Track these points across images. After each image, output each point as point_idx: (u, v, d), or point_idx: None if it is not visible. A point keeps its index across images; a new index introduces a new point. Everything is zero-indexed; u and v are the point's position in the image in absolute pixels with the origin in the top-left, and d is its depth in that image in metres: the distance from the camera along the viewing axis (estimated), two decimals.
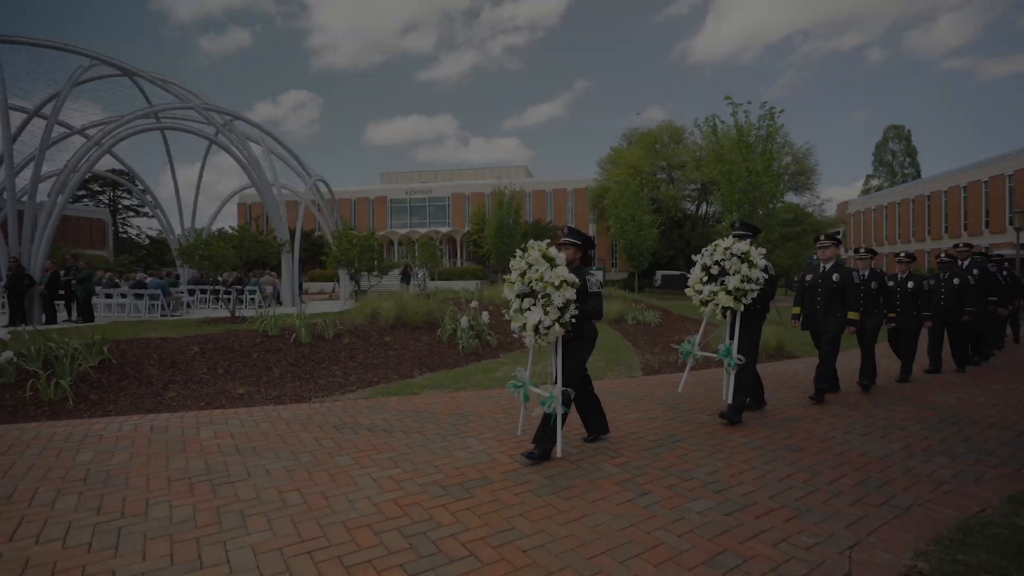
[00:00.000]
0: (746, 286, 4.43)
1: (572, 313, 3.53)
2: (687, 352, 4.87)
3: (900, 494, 3.24)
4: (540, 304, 3.50)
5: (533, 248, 3.61)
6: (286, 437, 4.22)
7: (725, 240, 4.62)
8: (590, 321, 3.76)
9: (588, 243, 3.94)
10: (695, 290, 4.71)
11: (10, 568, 2.36)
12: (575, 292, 3.52)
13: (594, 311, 3.68)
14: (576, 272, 3.73)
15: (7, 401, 4.95)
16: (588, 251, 3.96)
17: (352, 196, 48.27)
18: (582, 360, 3.82)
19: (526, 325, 3.56)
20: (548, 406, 3.53)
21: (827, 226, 35.08)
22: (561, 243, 3.87)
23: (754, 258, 4.49)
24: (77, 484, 3.27)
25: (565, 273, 3.50)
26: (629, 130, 35.60)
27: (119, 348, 6.22)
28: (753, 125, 13.56)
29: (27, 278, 11.93)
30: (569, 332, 3.62)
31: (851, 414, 5.07)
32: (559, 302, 3.46)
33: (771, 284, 4.67)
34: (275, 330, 7.46)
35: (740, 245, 4.54)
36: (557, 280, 3.47)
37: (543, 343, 3.59)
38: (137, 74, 16.73)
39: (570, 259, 3.84)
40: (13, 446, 3.96)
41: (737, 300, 4.47)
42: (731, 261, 4.51)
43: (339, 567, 2.39)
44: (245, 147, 18.10)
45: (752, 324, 4.67)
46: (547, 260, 3.56)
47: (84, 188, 49.31)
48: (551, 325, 3.50)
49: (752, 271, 4.45)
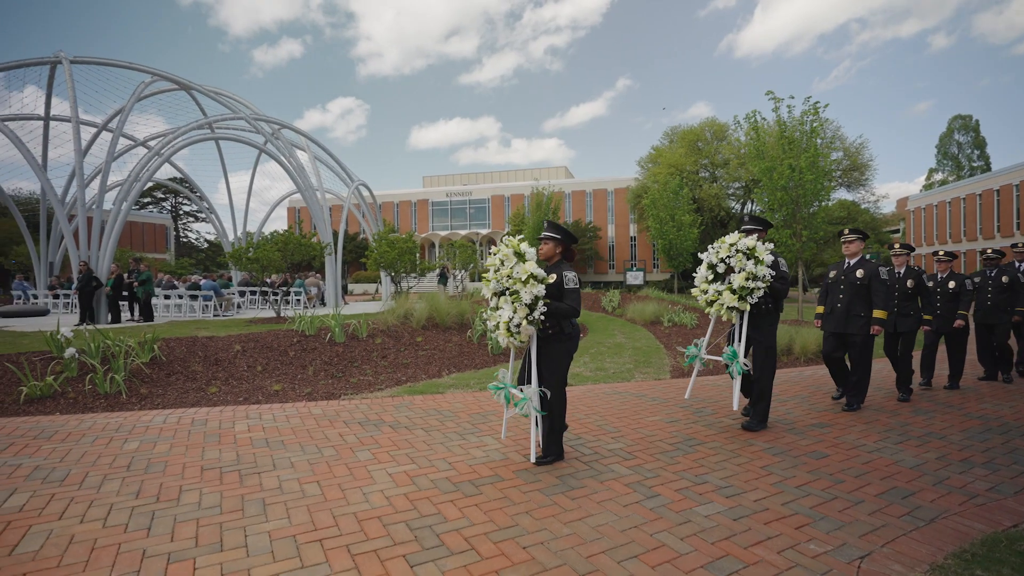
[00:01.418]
0: (752, 284, 4.23)
1: (541, 310, 3.43)
2: (693, 356, 4.67)
3: (926, 505, 3.10)
4: (510, 301, 3.44)
5: (504, 243, 3.55)
6: (313, 432, 4.43)
7: (731, 236, 4.43)
8: (570, 320, 3.64)
9: (569, 238, 3.79)
10: (700, 290, 4.55)
11: (58, 543, 2.61)
12: (545, 288, 3.43)
13: (570, 309, 3.53)
14: (554, 268, 3.65)
15: (69, 393, 5.40)
16: (569, 246, 3.82)
17: (395, 199, 49.46)
18: (565, 368, 3.69)
19: (499, 324, 3.51)
20: (523, 408, 3.48)
21: (883, 224, 33.35)
22: (540, 238, 3.77)
23: (760, 254, 4.28)
24: (121, 470, 3.56)
25: (533, 268, 3.41)
26: (671, 128, 34.94)
27: (168, 346, 6.66)
28: (796, 120, 13.05)
29: (95, 280, 12.88)
30: (545, 331, 3.54)
31: (887, 421, 4.85)
32: (527, 298, 3.37)
33: (783, 282, 4.44)
34: (312, 330, 7.78)
35: (746, 241, 4.33)
36: (524, 275, 3.39)
37: (516, 342, 3.54)
38: (193, 87, 17.74)
39: (549, 255, 3.74)
40: (71, 434, 4.32)
41: (743, 299, 4.29)
42: (736, 258, 4.32)
43: (345, 555, 2.52)
44: (292, 155, 18.89)
45: (765, 327, 4.48)
46: (517, 255, 3.49)
47: (148, 196, 52.63)
48: (520, 323, 3.43)
49: (759, 268, 4.24)
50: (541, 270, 3.47)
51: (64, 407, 5.13)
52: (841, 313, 5.08)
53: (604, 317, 14.68)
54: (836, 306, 5.13)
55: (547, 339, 3.63)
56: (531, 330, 3.48)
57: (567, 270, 3.63)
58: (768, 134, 14.34)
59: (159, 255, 44.35)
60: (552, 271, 3.64)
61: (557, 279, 3.57)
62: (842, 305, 5.07)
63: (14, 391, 5.33)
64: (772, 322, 4.53)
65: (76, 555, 2.50)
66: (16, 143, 14.24)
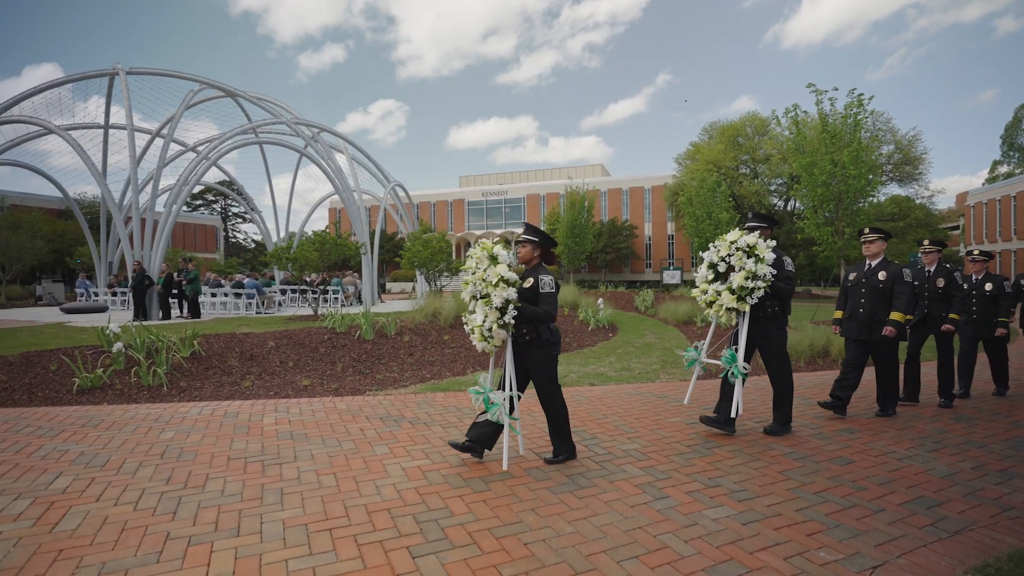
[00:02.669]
0: (751, 284, 4.05)
1: (512, 314, 3.39)
2: (692, 360, 4.50)
3: (953, 516, 2.96)
4: (482, 304, 3.42)
5: (478, 246, 3.53)
6: (335, 426, 4.58)
7: (732, 233, 4.27)
8: (547, 325, 3.57)
9: (548, 241, 3.73)
10: (700, 290, 4.39)
11: (92, 523, 2.81)
12: (516, 292, 3.40)
13: (545, 313, 3.46)
14: (531, 272, 3.60)
15: (116, 385, 5.77)
16: (548, 250, 3.75)
17: (431, 199, 50.18)
18: (552, 374, 3.63)
19: (473, 328, 3.48)
20: (494, 414, 3.45)
21: (939, 220, 31.57)
22: (517, 240, 3.79)
23: (761, 252, 4.09)
24: (155, 458, 3.78)
25: (504, 271, 3.37)
26: (710, 124, 34.11)
27: (208, 342, 7.00)
28: (839, 114, 12.51)
29: (147, 279, 13.65)
30: (522, 336, 3.50)
31: (923, 428, 4.62)
32: (498, 302, 3.34)
33: (788, 282, 4.25)
34: (342, 327, 8.02)
35: (747, 238, 4.16)
36: (495, 278, 3.35)
37: (489, 347, 3.52)
38: (237, 94, 18.51)
39: (527, 258, 3.69)
40: (115, 423, 4.62)
41: (742, 300, 4.12)
42: (736, 256, 4.15)
43: (352, 544, 2.61)
44: (330, 157, 19.45)
45: (772, 331, 4.27)
46: (490, 258, 3.46)
47: (200, 198, 55.18)
48: (491, 327, 3.39)
49: (759, 267, 4.05)
50: (512, 274, 3.43)
51: (111, 398, 5.48)
52: (864, 319, 4.79)
53: (636, 317, 14.50)
54: (858, 311, 4.84)
55: (525, 345, 3.58)
56: (503, 334, 3.44)
57: (543, 274, 3.56)
58: (811, 128, 13.82)
59: (209, 255, 46.43)
60: (529, 275, 3.59)
61: (533, 283, 3.52)
62: (864, 311, 4.79)
63: (68, 382, 5.73)
64: (780, 326, 4.33)
65: (107, 535, 2.69)
66: (78, 151, 15.23)
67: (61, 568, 2.39)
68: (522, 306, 3.46)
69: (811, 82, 12.38)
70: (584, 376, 6.96)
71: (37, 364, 6.27)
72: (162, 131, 18.17)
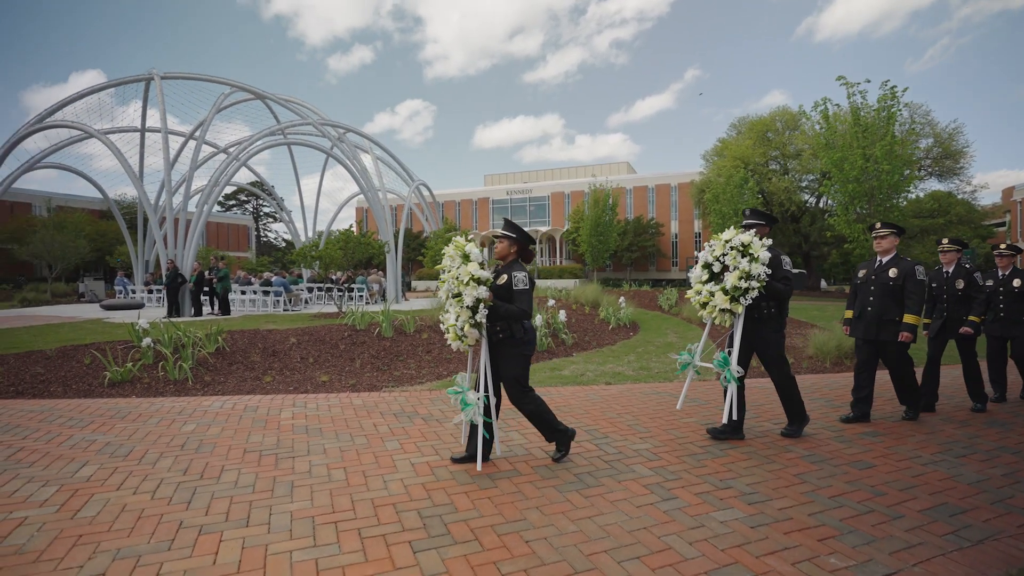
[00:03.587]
0: (745, 284, 3.89)
1: (483, 313, 3.35)
2: (685, 364, 4.34)
3: (977, 525, 2.82)
4: (455, 303, 3.38)
5: (450, 244, 3.50)
6: (350, 421, 4.65)
7: (728, 232, 4.12)
8: (521, 323, 3.49)
9: (524, 237, 3.64)
10: (695, 291, 4.24)
11: (111, 511, 2.92)
12: (487, 290, 3.34)
13: (519, 311, 3.39)
14: (506, 268, 3.54)
15: (145, 378, 5.98)
16: (526, 246, 3.67)
17: (456, 198, 50.50)
18: (523, 372, 3.55)
19: (447, 327, 3.45)
20: (468, 415, 3.40)
21: (982, 216, 30.19)
22: (495, 236, 3.68)
23: (755, 251, 3.92)
24: (176, 449, 3.91)
25: (475, 269, 3.32)
26: (738, 119, 33.34)
27: (232, 338, 7.20)
28: (871, 107, 12.06)
29: (180, 277, 14.12)
30: (496, 334, 3.46)
31: (953, 433, 4.43)
32: (468, 300, 3.30)
33: (786, 282, 4.06)
34: (362, 324, 8.14)
35: (741, 237, 4.01)
36: (466, 276, 3.31)
37: (463, 347, 3.49)
38: (266, 96, 18.97)
39: (503, 254, 3.62)
40: (141, 415, 4.80)
41: (735, 300, 3.97)
42: (730, 255, 4.00)
43: (355, 537, 2.65)
44: (355, 157, 19.76)
45: (769, 334, 4.12)
46: (463, 257, 3.42)
47: (233, 199, 56.77)
48: (463, 326, 3.35)
49: (753, 266, 3.88)
50: (484, 272, 3.37)
51: (139, 391, 5.68)
52: (872, 318, 4.55)
53: (659, 316, 14.30)
54: (866, 310, 4.60)
55: (499, 343, 3.53)
56: (476, 333, 3.41)
57: (518, 271, 3.50)
58: (842, 121, 13.37)
59: (242, 253, 47.78)
60: (504, 271, 3.54)
61: (507, 280, 3.47)
62: (873, 309, 4.55)
63: (100, 375, 5.97)
64: (776, 328, 4.15)
65: (124, 522, 2.79)
66: (116, 153, 15.84)
67: (79, 553, 2.49)
68: (495, 304, 3.42)
69: (842, 75, 11.94)
70: (601, 375, 6.90)
71: (72, 358, 6.56)
72: (195, 134, 18.75)
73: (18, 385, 5.73)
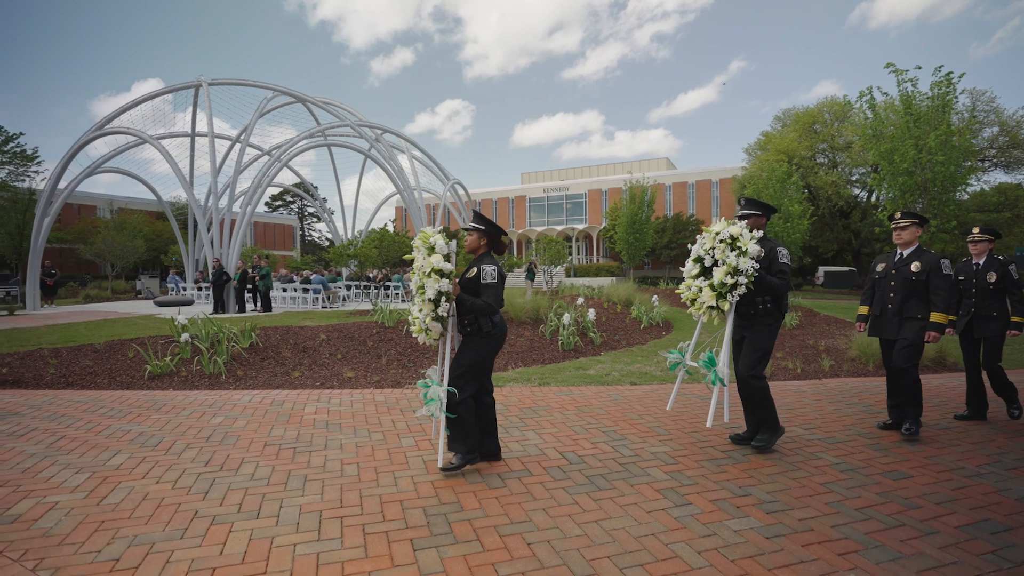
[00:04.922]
0: (731, 280, 3.64)
1: (445, 307, 3.28)
2: (676, 363, 4.10)
3: (1022, 545, 2.59)
4: (418, 296, 3.32)
5: (417, 236, 3.43)
6: (369, 417, 4.72)
7: (719, 224, 3.85)
8: (489, 317, 3.38)
9: (495, 229, 3.55)
10: (685, 286, 4.00)
11: (134, 499, 3.05)
12: (449, 283, 3.27)
13: (485, 305, 3.31)
14: (476, 261, 3.46)
15: (182, 372, 6.25)
16: (497, 238, 3.57)
17: (493, 196, 50.68)
18: (479, 361, 3.42)
19: (413, 320, 3.39)
20: (431, 410, 3.33)
21: None
22: (464, 228, 3.57)
23: (744, 243, 3.65)
24: (201, 441, 4.06)
25: (437, 261, 3.25)
26: (783, 111, 32.08)
27: (266, 334, 7.43)
28: (924, 95, 11.31)
29: (225, 275, 14.70)
30: (464, 328, 3.39)
31: (1004, 443, 4.11)
32: (430, 293, 3.24)
33: (782, 276, 3.77)
34: (391, 322, 8.26)
35: (731, 228, 3.74)
36: (428, 268, 3.24)
37: (429, 340, 3.42)
38: (307, 100, 19.53)
39: (473, 246, 3.54)
40: (175, 408, 5.01)
41: (722, 297, 3.72)
42: (719, 249, 3.74)
43: (359, 533, 2.67)
44: (392, 157, 20.11)
45: (759, 329, 3.82)
46: (428, 248, 3.34)
47: (279, 199, 58.85)
48: (425, 319, 3.29)
49: (741, 260, 3.62)
50: (447, 264, 3.30)
51: (176, 384, 5.94)
52: (892, 316, 4.20)
53: None
54: (886, 307, 4.26)
55: (468, 337, 3.47)
56: (439, 327, 3.36)
57: (487, 264, 3.41)
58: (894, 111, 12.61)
59: (287, 252, 49.44)
60: (473, 264, 3.47)
61: (476, 273, 3.39)
62: (893, 306, 4.20)
63: (141, 369, 6.28)
64: (770, 322, 3.84)
65: (144, 510, 2.90)
66: (167, 158, 16.65)
67: (99, 538, 2.61)
68: (461, 297, 3.36)
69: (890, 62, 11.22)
70: (627, 375, 6.76)
71: (119, 352, 6.92)
72: (240, 137, 19.51)
73: (69, 376, 6.09)
